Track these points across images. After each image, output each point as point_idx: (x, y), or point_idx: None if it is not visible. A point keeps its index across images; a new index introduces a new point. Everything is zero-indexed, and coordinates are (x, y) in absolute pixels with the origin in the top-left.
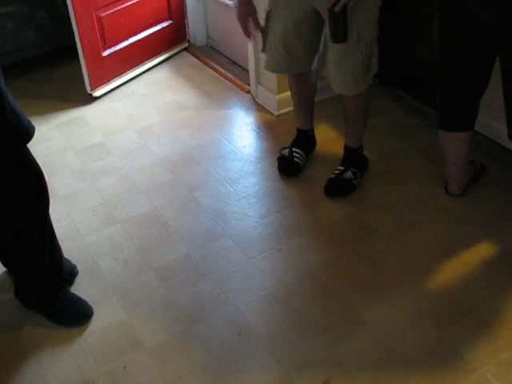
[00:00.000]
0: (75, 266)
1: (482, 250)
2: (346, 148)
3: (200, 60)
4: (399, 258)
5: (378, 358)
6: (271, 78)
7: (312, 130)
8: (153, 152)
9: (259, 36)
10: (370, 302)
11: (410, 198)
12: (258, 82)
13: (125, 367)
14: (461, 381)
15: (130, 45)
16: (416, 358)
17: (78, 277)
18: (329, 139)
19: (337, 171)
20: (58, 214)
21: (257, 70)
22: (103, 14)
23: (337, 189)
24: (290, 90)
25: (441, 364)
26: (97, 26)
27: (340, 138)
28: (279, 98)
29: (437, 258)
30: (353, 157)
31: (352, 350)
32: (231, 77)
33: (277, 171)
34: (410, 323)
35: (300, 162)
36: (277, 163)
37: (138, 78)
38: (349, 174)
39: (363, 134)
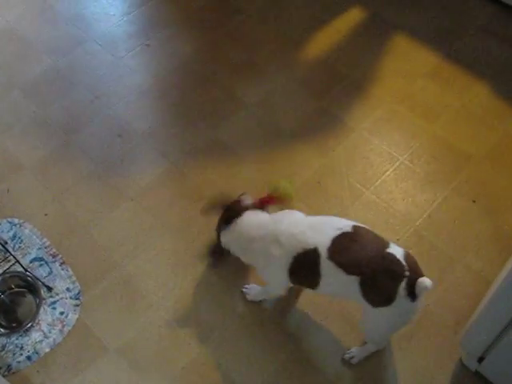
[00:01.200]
0: None
1: (351, 16)
2: None
3: None
4: (272, 35)
5: (262, 135)
6: None
7: None
8: None
9: None
10: (248, 83)
11: None
12: None
13: (8, 190)
14: (342, 141)
15: None
16: (298, 128)
17: None
18: None
19: None
20: None
21: None
22: None
23: None
24: None
25: (322, 130)
26: None
27: None
28: None
29: (309, 30)
30: None
31: (235, 131)
32: None
33: None
34: (289, 97)
35: None
36: None
37: None
38: None
39: None
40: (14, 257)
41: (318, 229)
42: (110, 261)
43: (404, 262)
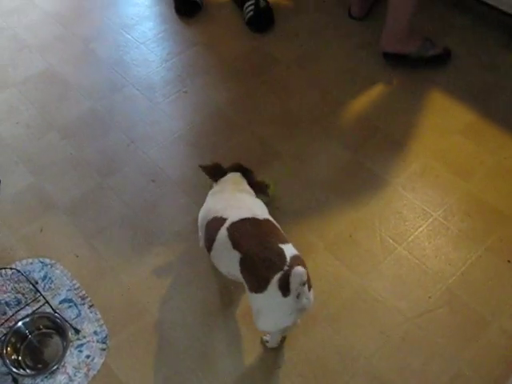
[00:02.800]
0: None
1: (384, 69)
2: None
3: None
4: (306, 86)
5: (294, 186)
6: None
7: None
8: (39, 6)
9: None
10: (283, 133)
11: (313, 25)
12: None
13: (41, 230)
14: (375, 195)
15: None
16: (331, 180)
17: None
18: None
19: (251, 6)
20: None
21: None
22: None
23: (265, 21)
24: None
25: (355, 183)
26: None
27: None
28: None
29: (343, 83)
30: None
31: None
32: None
33: (174, 12)
34: (323, 149)
35: (198, 0)
36: (173, 4)
37: None
38: (263, 2)
39: None
40: (44, 297)
41: (242, 208)
42: (139, 306)
43: (288, 259)
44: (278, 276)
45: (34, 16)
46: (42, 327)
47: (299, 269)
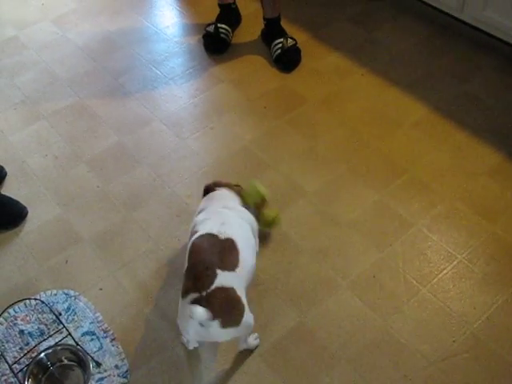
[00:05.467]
0: (3, 168)
1: (411, 110)
2: (269, 20)
3: None
4: (333, 125)
5: (319, 225)
6: None
7: (235, 3)
8: (72, 41)
9: None
10: (307, 171)
11: (340, 65)
12: None
13: (66, 261)
14: (400, 236)
15: None
16: (355, 220)
17: (7, 178)
18: (253, 12)
19: (279, 45)
20: None
21: None
22: None
23: (293, 60)
24: None
25: (380, 223)
26: None
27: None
28: None
29: (370, 123)
30: (279, 25)
31: (294, 219)
32: None
33: (203, 49)
34: (348, 188)
35: (226, 37)
36: (202, 41)
37: None
38: (290, 41)
39: (281, 3)
40: (67, 329)
41: (213, 223)
42: (161, 341)
43: (212, 287)
44: (194, 295)
45: (67, 50)
46: (63, 359)
47: (196, 310)
